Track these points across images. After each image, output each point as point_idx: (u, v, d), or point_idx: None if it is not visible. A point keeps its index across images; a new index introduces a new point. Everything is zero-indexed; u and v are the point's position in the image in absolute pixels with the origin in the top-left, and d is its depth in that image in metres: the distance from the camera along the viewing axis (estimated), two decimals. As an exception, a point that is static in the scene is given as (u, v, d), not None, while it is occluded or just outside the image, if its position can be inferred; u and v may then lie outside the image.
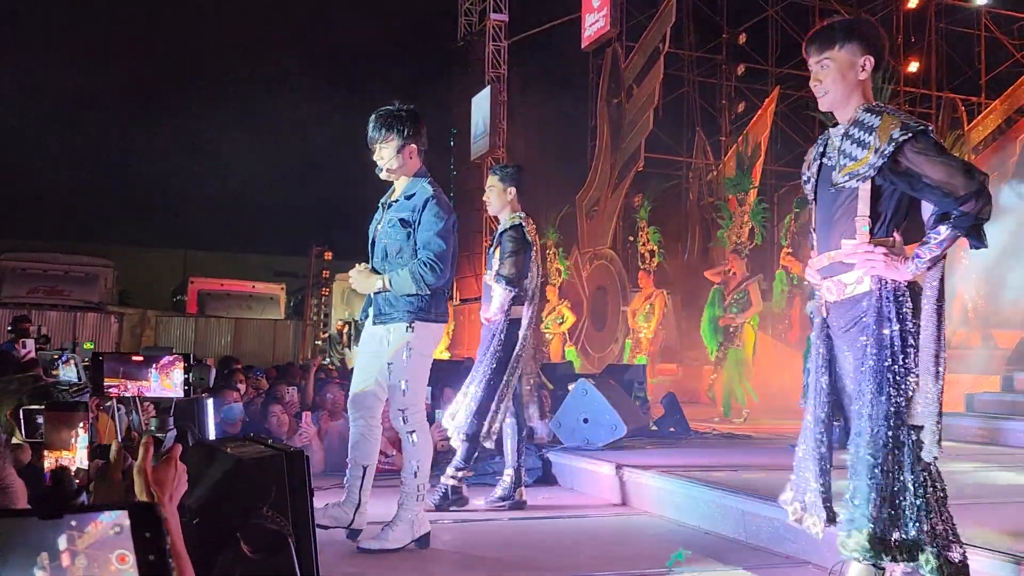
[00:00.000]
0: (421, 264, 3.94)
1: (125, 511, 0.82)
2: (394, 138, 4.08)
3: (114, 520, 0.82)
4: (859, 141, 2.74)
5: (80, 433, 1.93)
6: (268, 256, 31.17)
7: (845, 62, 2.78)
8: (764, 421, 8.97)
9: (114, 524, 0.82)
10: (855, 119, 2.80)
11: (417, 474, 4.00)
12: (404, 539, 3.97)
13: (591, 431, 6.14)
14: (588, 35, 17.39)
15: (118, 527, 0.82)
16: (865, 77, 2.81)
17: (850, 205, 2.77)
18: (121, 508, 0.82)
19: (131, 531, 0.81)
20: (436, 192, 4.08)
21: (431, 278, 3.94)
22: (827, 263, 2.86)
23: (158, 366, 2.05)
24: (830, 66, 2.80)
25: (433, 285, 3.96)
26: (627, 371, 8.37)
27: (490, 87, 20.60)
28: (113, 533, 0.81)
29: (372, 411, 4.11)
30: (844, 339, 2.84)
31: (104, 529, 0.81)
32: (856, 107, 2.81)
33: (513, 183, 5.14)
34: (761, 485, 4.55)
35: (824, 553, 3.74)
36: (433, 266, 3.93)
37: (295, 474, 2.37)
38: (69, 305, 21.19)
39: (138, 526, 0.82)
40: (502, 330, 4.96)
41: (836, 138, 2.85)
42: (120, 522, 0.82)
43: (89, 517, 0.82)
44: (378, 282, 4.04)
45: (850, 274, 2.79)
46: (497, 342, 4.95)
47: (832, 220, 2.84)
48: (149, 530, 0.82)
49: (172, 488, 1.55)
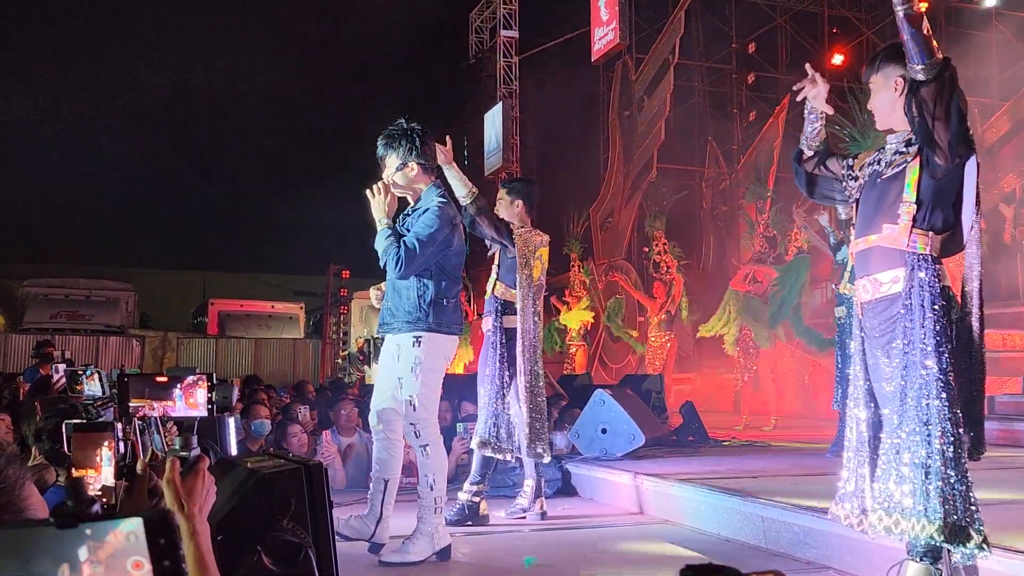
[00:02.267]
0: (403, 241, 4.00)
1: (140, 519, 0.86)
2: (394, 156, 4.16)
3: (130, 529, 0.85)
4: (912, 143, 2.90)
5: (105, 452, 1.98)
6: (286, 276, 31.35)
7: (885, 85, 2.99)
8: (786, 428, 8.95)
9: (129, 532, 0.85)
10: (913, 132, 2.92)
11: (433, 487, 4.03)
12: (425, 552, 4.00)
13: (609, 441, 6.15)
14: (598, 48, 17.47)
15: (133, 535, 0.85)
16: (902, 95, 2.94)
17: (895, 194, 2.89)
18: (136, 516, 0.86)
19: (146, 538, 0.85)
20: (441, 204, 4.13)
21: (392, 263, 3.98)
22: (865, 247, 2.97)
23: (182, 386, 2.10)
24: (873, 88, 3.03)
25: (394, 265, 3.99)
26: (644, 381, 8.37)
27: (502, 103, 20.73)
28: (128, 541, 0.85)
29: (392, 425, 4.15)
30: (878, 342, 2.92)
31: (121, 538, 0.85)
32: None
33: (519, 195, 5.18)
34: (781, 491, 4.55)
35: (845, 558, 3.75)
36: (400, 259, 3.97)
37: (315, 487, 2.41)
38: (91, 329, 21.37)
39: (153, 533, 0.85)
40: (501, 340, 4.99)
41: (892, 145, 3.01)
42: (135, 530, 0.85)
43: (107, 526, 0.85)
44: (379, 215, 4.11)
45: (886, 272, 2.87)
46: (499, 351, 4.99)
47: (876, 208, 2.96)
48: (163, 537, 0.86)
49: (201, 499, 1.59)
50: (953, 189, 2.84)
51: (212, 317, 23.73)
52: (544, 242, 5.13)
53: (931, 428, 2.69)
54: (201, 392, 2.06)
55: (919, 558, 2.78)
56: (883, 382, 2.90)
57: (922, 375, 2.72)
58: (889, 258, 2.88)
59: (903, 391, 2.77)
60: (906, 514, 2.72)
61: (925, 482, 2.68)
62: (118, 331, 21.77)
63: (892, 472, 2.78)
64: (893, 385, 2.83)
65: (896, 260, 2.85)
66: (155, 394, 2.09)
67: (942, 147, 2.75)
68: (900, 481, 2.75)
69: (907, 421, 2.75)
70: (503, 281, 5.08)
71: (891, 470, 2.79)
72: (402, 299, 4.09)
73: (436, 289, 4.08)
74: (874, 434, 2.95)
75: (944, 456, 2.68)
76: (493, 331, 5.03)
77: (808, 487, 4.71)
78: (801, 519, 4.04)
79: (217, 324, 23.53)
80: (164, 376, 2.15)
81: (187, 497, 1.57)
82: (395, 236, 4.06)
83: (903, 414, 2.76)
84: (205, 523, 1.59)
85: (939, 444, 2.68)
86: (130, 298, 22.94)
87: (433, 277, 4.09)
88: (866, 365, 2.99)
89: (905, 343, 2.77)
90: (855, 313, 3.09)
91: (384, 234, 4.07)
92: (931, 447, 2.69)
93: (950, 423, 2.69)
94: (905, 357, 2.77)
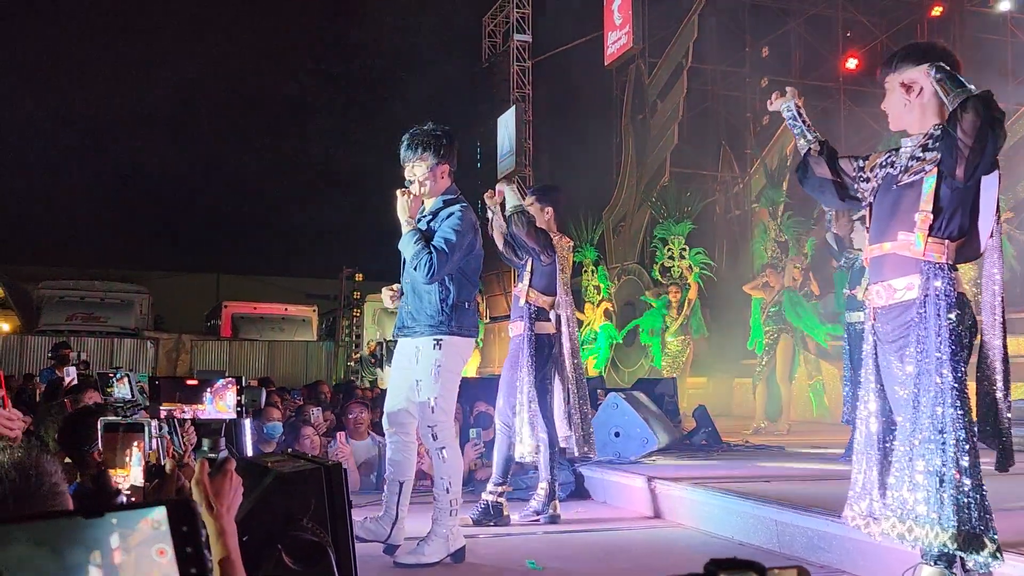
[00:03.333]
0: (433, 246, 4.02)
1: (163, 507, 0.89)
2: (429, 157, 4.16)
3: (154, 517, 0.89)
4: (931, 148, 2.86)
5: (135, 452, 2.02)
6: (299, 279, 31.48)
7: (900, 86, 2.94)
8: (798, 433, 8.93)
9: (153, 520, 0.88)
10: (930, 134, 2.91)
11: (449, 489, 4.06)
12: (440, 554, 4.02)
13: (622, 444, 6.16)
14: (611, 52, 17.50)
15: (157, 523, 0.88)
16: (925, 96, 2.91)
17: (912, 201, 2.86)
18: (159, 505, 0.89)
19: (169, 526, 0.88)
20: (463, 208, 4.16)
21: (425, 269, 3.99)
22: (879, 253, 2.95)
23: (212, 389, 2.14)
24: (888, 89, 2.98)
25: (423, 277, 4.01)
26: (657, 384, 8.38)
27: (515, 107, 20.77)
28: (152, 529, 0.88)
29: (406, 427, 4.18)
30: (891, 347, 2.91)
31: (147, 526, 0.88)
32: (932, 124, 2.92)
33: (549, 202, 5.30)
34: (795, 495, 4.55)
35: (859, 562, 3.75)
36: (429, 263, 3.99)
37: (334, 487, 2.44)
38: (106, 331, 21.52)
39: (176, 521, 0.88)
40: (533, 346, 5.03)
41: (907, 149, 2.97)
42: (159, 518, 0.88)
43: (133, 515, 0.88)
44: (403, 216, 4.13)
45: (900, 279, 2.86)
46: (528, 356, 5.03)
47: (891, 214, 2.93)
48: (186, 524, 0.88)
49: (229, 499, 1.62)
50: (971, 197, 2.83)
51: (226, 320, 23.84)
52: (569, 247, 5.27)
53: (946, 436, 2.69)
54: (231, 395, 2.09)
55: (933, 562, 2.78)
56: (895, 386, 2.90)
57: (937, 383, 2.72)
58: (904, 265, 2.86)
59: (916, 398, 2.77)
60: (919, 521, 2.72)
61: (939, 490, 2.68)
62: (133, 333, 21.91)
63: (905, 479, 2.78)
64: (906, 392, 2.83)
65: (911, 268, 2.84)
66: (185, 397, 2.13)
67: (966, 170, 2.72)
68: (914, 488, 2.75)
69: (920, 429, 2.75)
70: (535, 287, 5.12)
71: (904, 477, 2.79)
72: (423, 303, 4.11)
73: (457, 293, 4.10)
74: (884, 438, 2.95)
75: (959, 464, 2.68)
76: (525, 337, 5.05)
77: (822, 491, 4.71)
78: (815, 523, 4.04)
79: (231, 327, 23.64)
80: (195, 379, 2.18)
81: (215, 498, 1.60)
82: (423, 239, 4.07)
83: (916, 421, 2.76)
84: (233, 523, 1.62)
85: (953, 452, 2.68)
86: (144, 300, 23.11)
87: (455, 281, 4.12)
88: (878, 368, 2.99)
89: (919, 351, 2.77)
90: (867, 317, 3.09)
91: (412, 237, 4.07)
92: (945, 455, 2.69)
93: (965, 431, 2.69)
94: (919, 365, 2.77)
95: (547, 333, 5.09)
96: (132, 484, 2.00)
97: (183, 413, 2.08)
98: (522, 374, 4.99)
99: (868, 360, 3.03)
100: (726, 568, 0.67)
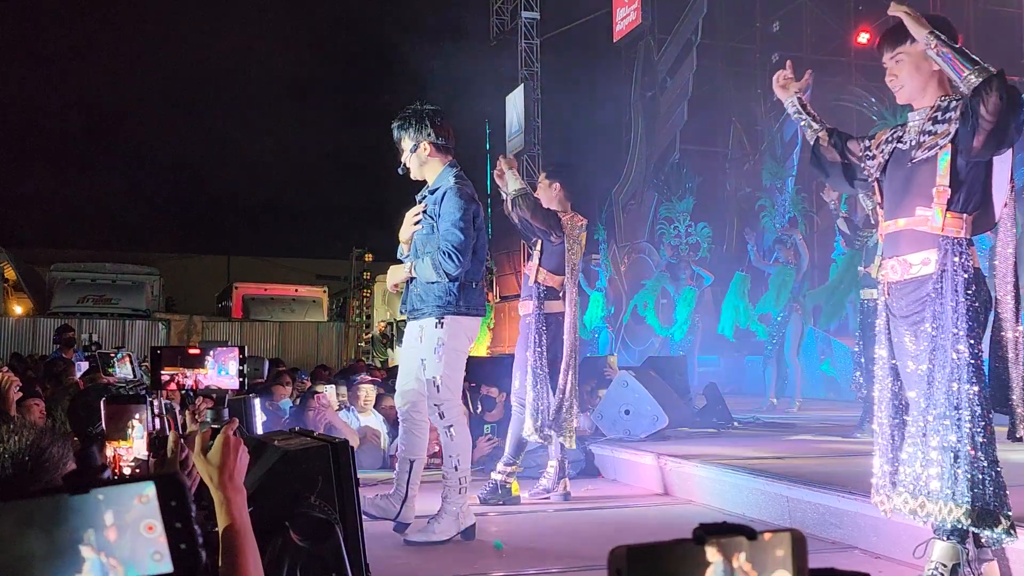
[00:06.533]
0: (440, 253, 4.01)
1: (151, 481, 0.87)
2: (406, 138, 4.21)
3: (142, 492, 0.87)
4: (940, 121, 2.83)
5: (136, 424, 2.01)
6: (309, 260, 31.50)
7: (918, 55, 2.87)
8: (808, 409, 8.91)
9: (142, 495, 0.87)
10: (937, 106, 2.87)
11: (458, 467, 4.06)
12: (450, 531, 4.03)
13: (633, 422, 6.15)
14: (620, 29, 17.35)
15: (146, 498, 0.86)
16: (928, 70, 2.88)
17: (928, 176, 2.83)
18: (147, 479, 0.87)
19: (158, 501, 0.86)
20: (457, 183, 4.14)
21: (449, 267, 4.00)
22: (895, 229, 2.91)
23: (214, 355, 2.12)
24: (904, 60, 2.91)
25: (453, 273, 4.02)
26: (668, 362, 8.36)
27: (523, 85, 20.64)
28: (141, 504, 0.86)
29: (417, 407, 4.18)
30: (905, 322, 2.88)
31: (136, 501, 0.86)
32: (938, 97, 2.89)
33: (557, 177, 5.29)
34: (806, 471, 4.54)
35: (871, 538, 3.73)
36: (451, 255, 3.99)
37: (341, 465, 2.43)
38: (118, 313, 21.62)
39: (164, 495, 0.86)
40: (542, 325, 5.01)
41: (916, 123, 2.93)
42: (147, 493, 0.86)
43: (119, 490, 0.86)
44: (405, 269, 4.16)
45: (916, 254, 2.83)
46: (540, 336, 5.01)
47: (905, 189, 2.90)
48: (175, 499, 0.87)
49: (233, 464, 1.59)
50: (986, 169, 2.80)
51: (236, 301, 23.92)
52: (583, 226, 5.19)
53: (961, 412, 2.67)
54: (233, 364, 2.07)
55: (945, 536, 2.77)
56: (908, 360, 2.88)
57: (953, 359, 2.70)
58: (920, 240, 2.83)
59: (931, 374, 2.75)
60: (932, 497, 2.70)
61: (954, 466, 2.66)
62: (144, 315, 22.00)
63: (919, 455, 2.76)
64: (921, 368, 2.80)
65: (928, 242, 2.81)
66: (187, 363, 2.11)
67: (984, 147, 2.67)
68: (927, 464, 2.73)
69: (935, 405, 2.72)
70: (545, 267, 5.09)
71: (917, 453, 2.77)
72: (432, 284, 4.11)
73: (464, 272, 4.09)
74: (896, 413, 2.93)
75: (974, 441, 2.66)
76: (535, 316, 5.03)
77: (833, 468, 4.70)
78: (826, 499, 4.03)
79: (241, 308, 23.72)
80: (196, 347, 2.16)
81: (216, 469, 1.58)
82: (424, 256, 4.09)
83: (930, 397, 2.74)
84: (238, 491, 1.58)
85: (969, 428, 2.66)
86: (156, 282, 23.18)
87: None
88: (891, 343, 2.97)
89: (935, 326, 2.75)
90: (881, 292, 3.06)
91: (419, 264, 4.11)
92: (961, 431, 2.67)
93: (981, 408, 2.67)
94: (934, 340, 2.75)
95: (557, 312, 5.07)
96: (136, 456, 2.00)
97: (185, 378, 2.06)
98: (529, 354, 4.98)
99: (881, 336, 3.01)
100: (715, 533, 0.65)
